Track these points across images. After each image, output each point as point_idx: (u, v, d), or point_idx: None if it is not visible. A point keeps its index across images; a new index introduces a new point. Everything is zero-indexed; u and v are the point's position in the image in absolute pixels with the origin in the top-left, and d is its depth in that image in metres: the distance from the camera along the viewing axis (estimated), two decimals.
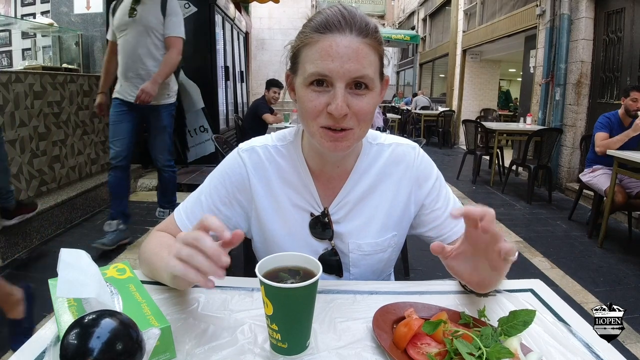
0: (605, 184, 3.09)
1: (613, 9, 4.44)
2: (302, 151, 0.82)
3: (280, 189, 0.81)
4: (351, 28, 0.66)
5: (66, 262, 0.55)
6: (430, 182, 0.84)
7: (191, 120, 5.10)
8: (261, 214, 0.82)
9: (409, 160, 0.83)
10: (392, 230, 0.84)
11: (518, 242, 3.27)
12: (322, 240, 0.83)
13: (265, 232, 0.83)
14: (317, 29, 0.67)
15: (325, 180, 0.82)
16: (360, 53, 0.66)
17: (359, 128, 0.70)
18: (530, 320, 0.57)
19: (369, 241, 0.82)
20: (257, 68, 12.50)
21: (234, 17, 6.68)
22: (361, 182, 0.82)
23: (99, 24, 4.38)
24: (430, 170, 0.85)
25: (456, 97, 9.54)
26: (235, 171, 0.82)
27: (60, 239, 3.00)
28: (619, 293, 2.47)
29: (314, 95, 0.67)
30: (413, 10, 13.45)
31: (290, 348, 0.57)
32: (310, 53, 0.67)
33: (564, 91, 4.95)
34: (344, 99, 0.66)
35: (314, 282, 0.55)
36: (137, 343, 0.46)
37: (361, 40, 0.66)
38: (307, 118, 0.70)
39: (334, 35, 0.65)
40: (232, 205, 0.82)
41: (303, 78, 0.69)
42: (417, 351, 0.55)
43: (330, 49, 0.65)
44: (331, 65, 0.65)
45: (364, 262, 0.83)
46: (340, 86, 0.66)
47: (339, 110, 0.65)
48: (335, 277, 0.85)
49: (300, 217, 0.82)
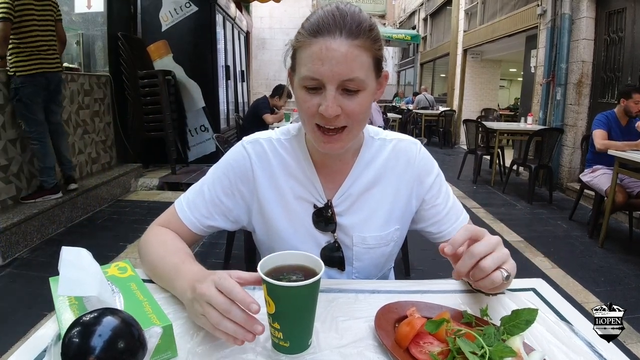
0: (605, 184, 3.09)
1: (614, 9, 4.43)
2: (306, 144, 0.83)
3: (283, 181, 0.82)
4: (341, 30, 0.66)
5: (67, 260, 0.55)
6: (431, 178, 0.85)
7: (192, 119, 5.10)
8: (264, 205, 0.83)
9: (410, 156, 0.84)
10: (395, 223, 0.84)
11: (519, 242, 3.27)
12: (325, 232, 0.83)
13: (268, 223, 0.83)
14: (310, 32, 0.68)
15: (328, 173, 0.83)
16: (349, 56, 0.66)
17: (353, 127, 0.72)
18: (532, 319, 0.57)
19: (373, 234, 0.83)
20: (258, 67, 12.51)
21: (234, 17, 6.68)
22: (363, 175, 0.83)
23: (99, 23, 4.38)
24: (431, 166, 0.86)
25: (457, 96, 9.53)
26: (239, 162, 0.82)
27: (61, 237, 3.00)
28: (619, 293, 2.47)
29: (308, 96, 0.70)
30: (414, 10, 13.44)
31: (292, 347, 0.57)
32: (304, 56, 0.69)
33: (564, 91, 4.94)
34: (335, 100, 0.67)
35: (316, 281, 0.55)
36: (139, 341, 0.45)
37: (351, 43, 0.66)
38: (303, 117, 0.73)
39: (325, 38, 0.66)
40: (234, 197, 0.83)
41: (298, 79, 0.71)
42: (420, 350, 0.55)
43: (320, 52, 0.66)
44: (321, 69, 0.66)
45: (367, 256, 0.84)
46: (331, 88, 0.67)
47: (328, 112, 0.67)
48: (337, 271, 0.85)
49: (303, 209, 0.83)
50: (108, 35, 4.39)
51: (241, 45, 7.76)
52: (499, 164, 5.43)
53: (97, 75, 4.22)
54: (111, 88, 4.37)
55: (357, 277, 0.86)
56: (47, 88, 2.99)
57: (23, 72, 2.83)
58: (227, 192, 0.82)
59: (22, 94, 2.84)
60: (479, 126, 5.38)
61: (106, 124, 4.32)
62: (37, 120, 2.94)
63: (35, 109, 2.92)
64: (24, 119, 2.92)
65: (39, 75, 2.89)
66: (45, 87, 2.97)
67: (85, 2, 4.39)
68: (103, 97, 4.25)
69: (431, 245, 0.88)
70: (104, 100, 4.27)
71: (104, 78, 4.28)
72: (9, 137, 2.91)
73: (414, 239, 0.93)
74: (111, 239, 2.95)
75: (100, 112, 4.20)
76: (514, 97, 11.51)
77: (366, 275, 0.86)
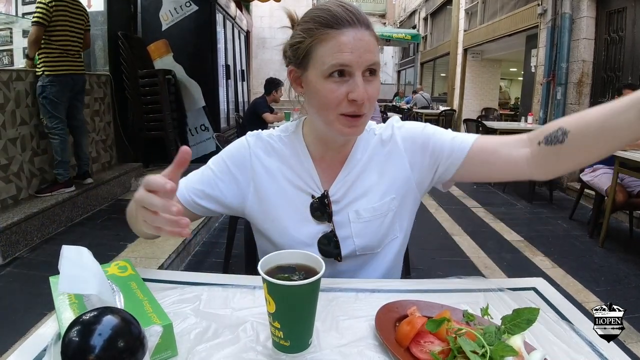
0: (606, 183, 3.09)
1: (614, 9, 4.43)
2: (304, 140, 0.87)
3: (282, 173, 0.86)
4: (360, 22, 0.73)
5: (68, 258, 0.55)
6: (417, 133, 0.87)
7: (192, 118, 5.10)
8: (262, 195, 0.85)
9: (394, 132, 0.88)
10: (390, 194, 0.86)
11: (519, 242, 3.27)
12: (322, 222, 0.85)
13: (266, 213, 0.86)
14: (329, 25, 0.73)
15: (325, 166, 0.87)
16: (371, 43, 0.74)
17: (369, 112, 0.77)
18: (533, 318, 0.57)
19: (367, 207, 0.85)
20: (258, 67, 12.50)
21: (234, 16, 6.68)
22: (358, 165, 0.86)
23: (100, 22, 4.37)
24: (414, 127, 0.89)
25: (457, 96, 9.54)
26: (240, 152, 0.87)
27: (61, 237, 3.00)
28: (619, 292, 2.47)
29: (335, 85, 0.73)
30: (414, 10, 13.43)
31: (293, 346, 0.57)
32: (328, 47, 0.73)
33: (565, 90, 4.94)
34: (364, 86, 0.73)
35: (317, 280, 0.55)
36: (139, 340, 0.45)
37: (369, 33, 0.74)
38: (326, 108, 0.75)
39: (348, 29, 0.72)
40: (230, 182, 0.86)
41: (321, 71, 0.74)
42: (421, 349, 0.55)
43: (349, 41, 0.72)
44: (350, 57, 0.71)
45: (366, 231, 0.85)
46: (358, 75, 0.72)
47: (362, 96, 0.72)
48: (334, 261, 0.85)
49: (301, 199, 0.85)
50: (108, 35, 4.38)
51: (241, 44, 7.76)
52: None
53: (97, 75, 4.21)
54: (111, 87, 4.37)
55: (361, 254, 0.86)
56: (73, 89, 3.24)
57: (51, 71, 3.06)
58: (222, 178, 0.85)
59: (48, 92, 3.05)
60: (479, 126, 5.38)
61: (106, 124, 4.32)
62: (59, 117, 3.15)
63: (59, 106, 3.14)
64: (47, 115, 3.11)
65: (65, 76, 3.14)
66: (71, 88, 3.22)
67: (86, 2, 4.38)
68: (103, 96, 4.24)
69: (431, 244, 0.88)
70: (104, 99, 4.27)
71: (104, 77, 4.27)
72: (9, 137, 2.90)
73: (414, 239, 0.93)
74: (111, 238, 2.95)
75: (101, 111, 4.20)
76: (514, 97, 11.50)
77: (370, 249, 0.86)
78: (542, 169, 0.75)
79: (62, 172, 3.24)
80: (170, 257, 2.56)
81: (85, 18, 3.36)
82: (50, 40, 3.04)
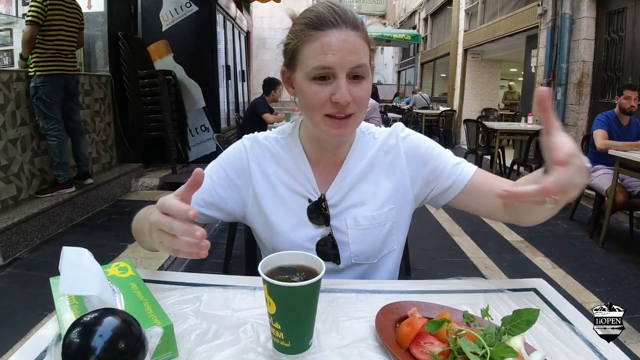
0: (606, 183, 3.09)
1: (614, 9, 4.43)
2: (300, 141, 0.87)
3: (279, 177, 0.85)
4: (345, 23, 0.72)
5: (68, 259, 0.55)
6: (422, 148, 0.88)
7: (192, 119, 5.10)
8: (260, 199, 0.85)
9: (398, 140, 0.88)
10: (389, 204, 0.86)
11: (519, 242, 3.27)
12: (319, 225, 0.85)
13: (264, 217, 0.85)
14: (314, 27, 0.72)
15: (322, 168, 0.86)
16: (357, 45, 0.72)
17: (358, 113, 0.76)
18: (533, 319, 0.57)
19: (366, 214, 0.84)
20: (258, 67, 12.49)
21: (235, 17, 6.68)
22: (355, 168, 0.86)
23: (100, 23, 4.38)
24: (418, 140, 0.89)
25: (457, 96, 9.53)
26: (237, 156, 0.87)
27: (61, 237, 3.00)
28: (620, 293, 2.47)
29: (318, 87, 0.73)
30: (414, 10, 13.43)
31: (293, 347, 0.57)
32: (311, 49, 0.72)
33: (565, 91, 4.94)
34: (347, 87, 0.72)
35: (317, 281, 0.55)
36: (140, 341, 0.45)
37: (355, 34, 0.73)
38: (311, 109, 0.75)
39: (332, 31, 0.71)
40: (230, 189, 0.85)
41: (305, 73, 0.73)
42: (421, 350, 0.55)
43: (331, 43, 0.71)
44: (333, 59, 0.71)
45: (363, 238, 0.84)
46: (342, 77, 0.72)
47: (344, 98, 0.71)
48: (333, 264, 0.85)
49: (298, 203, 0.85)
50: (108, 35, 4.38)
51: (241, 45, 7.76)
52: (499, 164, 5.42)
53: (98, 75, 4.21)
54: (111, 88, 4.37)
55: (357, 261, 0.85)
56: (65, 89, 3.21)
57: (43, 72, 3.02)
58: (222, 185, 0.85)
59: (41, 92, 3.02)
60: (480, 126, 5.37)
61: (106, 124, 4.32)
62: (54, 118, 3.13)
63: (53, 107, 3.11)
64: (42, 116, 3.10)
65: (57, 76, 3.10)
66: (64, 88, 3.18)
67: (86, 2, 4.38)
68: (103, 97, 4.25)
69: (431, 245, 0.88)
70: (105, 100, 4.27)
71: (104, 78, 4.28)
72: (9, 137, 2.91)
73: (414, 239, 0.93)
74: (112, 239, 2.95)
75: (101, 112, 4.20)
76: None
77: (366, 258, 0.86)
78: (517, 219, 0.81)
79: (62, 173, 3.24)
80: (170, 257, 2.56)
81: (80, 16, 3.31)
82: (43, 40, 3.00)
